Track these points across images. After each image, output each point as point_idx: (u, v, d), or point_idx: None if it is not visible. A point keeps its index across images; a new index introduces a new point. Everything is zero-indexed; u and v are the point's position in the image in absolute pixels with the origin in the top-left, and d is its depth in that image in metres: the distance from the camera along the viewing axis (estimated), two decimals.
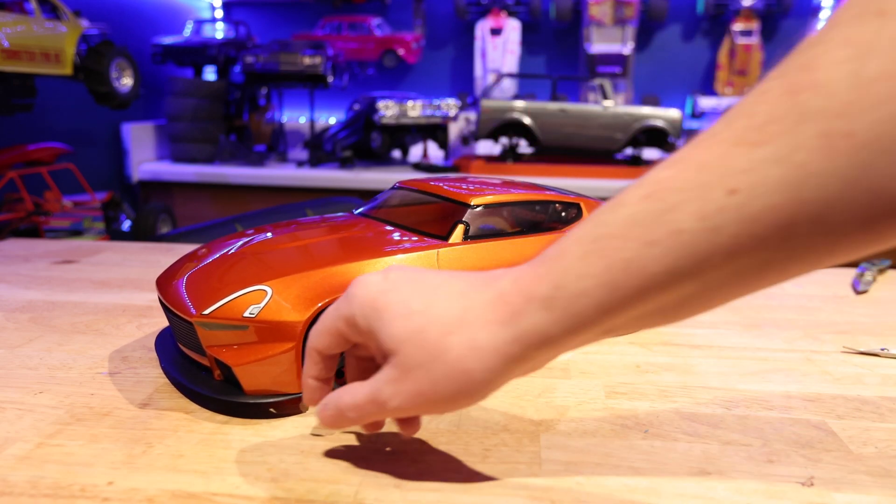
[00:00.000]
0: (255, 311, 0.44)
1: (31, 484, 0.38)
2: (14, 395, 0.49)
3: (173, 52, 2.46)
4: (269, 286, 0.45)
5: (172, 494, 0.37)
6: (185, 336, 0.49)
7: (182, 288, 0.49)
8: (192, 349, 0.49)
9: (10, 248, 0.97)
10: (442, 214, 0.56)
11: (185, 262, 0.53)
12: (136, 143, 2.46)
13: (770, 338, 0.64)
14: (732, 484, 0.39)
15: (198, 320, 0.45)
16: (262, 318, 0.44)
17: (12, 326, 0.64)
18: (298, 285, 0.46)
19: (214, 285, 0.47)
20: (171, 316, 0.50)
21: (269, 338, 0.45)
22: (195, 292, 0.47)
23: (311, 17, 2.95)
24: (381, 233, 0.54)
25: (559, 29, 2.86)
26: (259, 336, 0.45)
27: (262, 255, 0.50)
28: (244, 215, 1.26)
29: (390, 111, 2.17)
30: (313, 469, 0.40)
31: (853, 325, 0.68)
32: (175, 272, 0.52)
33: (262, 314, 0.44)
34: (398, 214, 0.59)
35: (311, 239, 0.53)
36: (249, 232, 0.57)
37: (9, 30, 1.52)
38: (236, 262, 0.50)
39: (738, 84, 2.69)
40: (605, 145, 2.19)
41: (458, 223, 0.54)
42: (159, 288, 0.51)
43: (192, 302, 0.46)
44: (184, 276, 0.50)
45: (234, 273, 0.48)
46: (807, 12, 2.73)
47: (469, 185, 0.59)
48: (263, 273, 0.47)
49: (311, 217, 0.60)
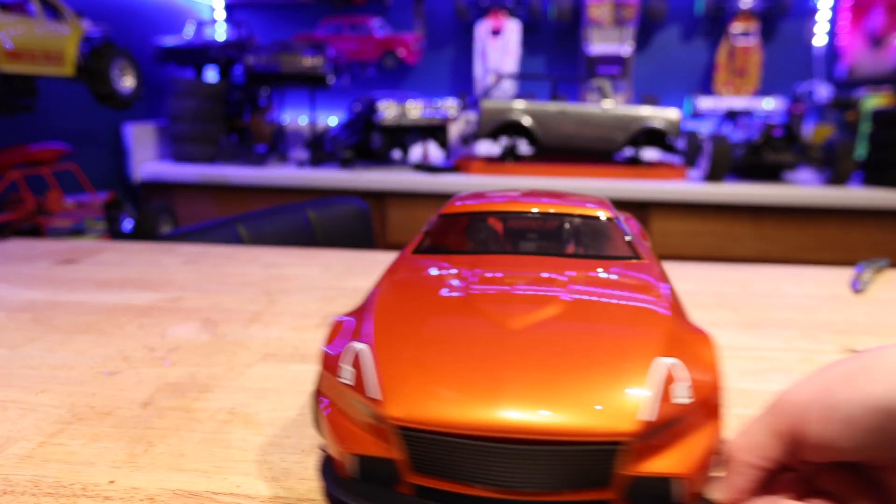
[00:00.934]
0: (685, 392, 0.32)
1: (33, 483, 0.38)
2: (16, 395, 0.49)
3: (175, 52, 2.46)
4: (671, 355, 0.33)
5: (174, 493, 0.38)
6: (544, 474, 0.30)
7: (528, 398, 0.31)
8: (557, 488, 0.30)
9: (11, 248, 0.97)
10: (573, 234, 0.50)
11: (452, 354, 0.34)
12: (138, 144, 2.47)
13: (769, 337, 0.65)
14: None
15: (630, 436, 0.30)
16: (698, 398, 0.32)
17: (14, 326, 0.64)
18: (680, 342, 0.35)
19: (591, 375, 0.32)
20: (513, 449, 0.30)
21: (698, 423, 0.33)
22: (561, 397, 0.31)
23: (312, 18, 2.95)
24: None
25: (559, 30, 2.86)
26: (690, 425, 0.32)
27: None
28: (245, 215, 1.26)
29: (391, 112, 2.18)
30: (314, 468, 0.40)
31: (851, 325, 0.69)
32: (477, 372, 0.32)
33: (694, 392, 0.32)
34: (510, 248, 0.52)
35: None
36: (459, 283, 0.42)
37: (11, 31, 1.53)
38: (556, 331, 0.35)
39: (736, 85, 2.69)
40: (605, 146, 2.20)
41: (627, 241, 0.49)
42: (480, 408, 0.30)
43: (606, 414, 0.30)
44: (510, 382, 0.31)
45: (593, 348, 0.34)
46: (805, 13, 2.73)
47: (551, 198, 0.53)
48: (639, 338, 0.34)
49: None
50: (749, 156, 2.15)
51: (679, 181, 2.18)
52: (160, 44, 2.48)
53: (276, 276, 0.84)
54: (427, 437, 0.31)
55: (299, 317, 0.69)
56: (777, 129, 2.14)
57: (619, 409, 0.30)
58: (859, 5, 2.63)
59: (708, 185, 2.11)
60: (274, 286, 0.80)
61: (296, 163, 2.44)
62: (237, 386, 0.52)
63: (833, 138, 2.09)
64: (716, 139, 2.08)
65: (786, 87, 2.75)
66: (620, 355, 0.33)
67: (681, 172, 2.22)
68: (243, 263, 0.91)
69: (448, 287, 0.41)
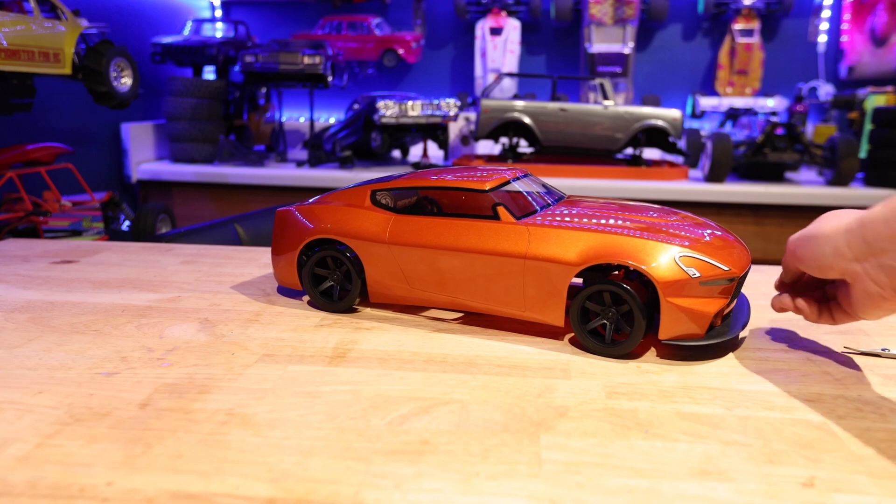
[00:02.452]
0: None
1: (31, 484, 0.38)
2: (13, 396, 0.49)
3: (172, 51, 2.46)
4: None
5: (172, 495, 0.37)
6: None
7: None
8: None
9: (8, 249, 0.96)
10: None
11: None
12: (136, 143, 2.46)
13: (771, 337, 0.64)
14: (733, 485, 0.39)
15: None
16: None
17: (11, 327, 0.64)
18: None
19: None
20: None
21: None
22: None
23: (311, 16, 2.95)
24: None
25: (559, 28, 2.86)
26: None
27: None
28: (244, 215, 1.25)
29: (390, 111, 2.17)
30: (313, 469, 0.40)
31: (854, 326, 0.68)
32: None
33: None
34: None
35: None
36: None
37: (8, 29, 1.52)
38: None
39: (738, 84, 2.69)
40: (606, 145, 2.19)
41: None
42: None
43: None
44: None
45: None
46: (807, 12, 2.72)
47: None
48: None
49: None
50: (751, 155, 2.15)
51: (680, 181, 2.18)
52: (158, 42, 2.48)
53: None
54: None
55: (298, 317, 0.68)
56: (779, 128, 2.14)
57: None
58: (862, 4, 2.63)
59: (709, 184, 2.11)
60: (272, 286, 0.79)
61: (294, 162, 2.44)
62: (235, 387, 0.51)
63: (835, 137, 2.08)
64: (717, 138, 2.07)
65: (788, 86, 2.75)
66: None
67: (682, 172, 2.22)
68: (242, 264, 0.90)
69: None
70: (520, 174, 0.70)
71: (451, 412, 0.47)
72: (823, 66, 2.74)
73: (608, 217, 0.62)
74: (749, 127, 2.31)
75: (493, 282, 0.62)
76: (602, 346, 0.58)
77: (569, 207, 0.67)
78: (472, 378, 0.53)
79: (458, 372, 0.55)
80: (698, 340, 0.57)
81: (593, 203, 0.69)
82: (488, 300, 0.63)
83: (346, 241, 0.68)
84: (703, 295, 0.56)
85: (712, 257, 0.56)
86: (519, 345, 0.61)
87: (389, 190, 0.70)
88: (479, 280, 0.62)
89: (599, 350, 0.58)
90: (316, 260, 0.69)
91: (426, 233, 0.64)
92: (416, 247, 0.64)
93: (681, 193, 2.07)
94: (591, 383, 0.53)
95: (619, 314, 0.57)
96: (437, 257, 0.63)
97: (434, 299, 0.66)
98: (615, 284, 0.56)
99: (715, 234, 0.62)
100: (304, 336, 0.63)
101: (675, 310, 0.55)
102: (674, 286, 0.55)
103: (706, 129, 2.70)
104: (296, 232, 0.70)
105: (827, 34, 2.72)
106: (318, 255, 0.69)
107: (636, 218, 0.63)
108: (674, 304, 0.55)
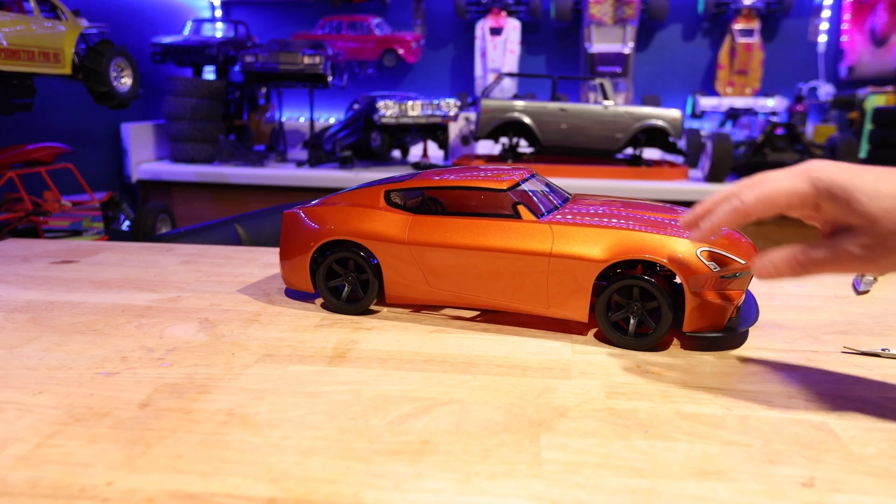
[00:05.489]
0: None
1: (31, 484, 0.38)
2: (13, 396, 0.49)
3: (172, 51, 2.45)
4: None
5: (172, 495, 0.37)
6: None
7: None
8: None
9: (8, 249, 0.96)
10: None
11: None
12: (136, 143, 2.46)
13: (771, 337, 0.64)
14: (733, 484, 0.39)
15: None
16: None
17: (11, 327, 0.64)
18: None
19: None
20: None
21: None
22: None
23: (311, 16, 2.95)
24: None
25: (559, 28, 2.85)
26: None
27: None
28: (244, 215, 1.25)
29: (390, 111, 2.17)
30: (313, 469, 0.40)
31: (854, 326, 0.68)
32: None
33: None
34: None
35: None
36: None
37: (7, 29, 1.52)
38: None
39: (738, 84, 2.69)
40: (606, 145, 2.19)
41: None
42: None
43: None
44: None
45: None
46: (807, 12, 2.72)
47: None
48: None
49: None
50: (751, 155, 2.15)
51: (680, 181, 2.18)
52: (158, 42, 2.47)
53: (275, 277, 0.84)
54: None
55: (298, 317, 0.68)
56: (779, 128, 2.14)
57: None
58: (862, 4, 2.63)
59: (709, 184, 2.11)
60: (272, 286, 0.79)
61: (294, 162, 2.44)
62: (236, 387, 0.51)
63: (835, 137, 2.08)
64: (717, 138, 2.07)
65: (788, 86, 2.75)
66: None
67: (682, 172, 2.22)
68: (242, 264, 0.90)
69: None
70: (527, 175, 0.71)
71: (451, 412, 0.47)
72: (823, 66, 2.74)
73: (622, 214, 0.64)
74: (749, 127, 2.31)
75: (517, 280, 0.62)
76: (627, 338, 0.60)
77: (580, 206, 0.68)
78: (472, 378, 0.53)
79: (458, 372, 0.55)
80: (719, 332, 0.59)
81: (601, 201, 0.71)
82: (511, 298, 0.64)
83: (362, 242, 0.67)
84: (724, 287, 0.58)
85: (728, 251, 0.58)
86: (519, 345, 0.61)
87: (404, 190, 0.70)
88: (501, 278, 0.63)
89: (624, 343, 0.60)
90: (332, 262, 0.69)
91: (447, 232, 0.64)
92: (437, 247, 0.64)
93: (681, 193, 2.07)
94: (591, 383, 0.53)
95: (645, 309, 0.59)
96: (458, 257, 0.64)
97: (454, 299, 0.66)
98: (645, 280, 0.58)
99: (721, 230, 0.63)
100: (304, 336, 0.63)
101: (699, 303, 0.57)
102: (697, 280, 0.57)
103: (706, 129, 2.70)
104: (307, 234, 0.70)
105: (827, 34, 2.72)
106: (333, 257, 0.68)
107: (647, 215, 0.64)
108: (698, 297, 0.57)
